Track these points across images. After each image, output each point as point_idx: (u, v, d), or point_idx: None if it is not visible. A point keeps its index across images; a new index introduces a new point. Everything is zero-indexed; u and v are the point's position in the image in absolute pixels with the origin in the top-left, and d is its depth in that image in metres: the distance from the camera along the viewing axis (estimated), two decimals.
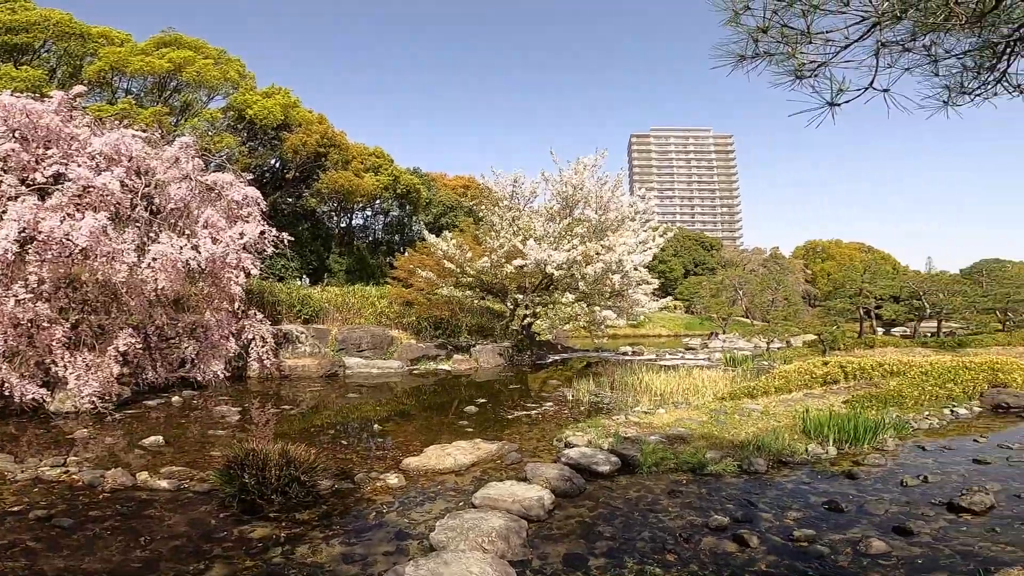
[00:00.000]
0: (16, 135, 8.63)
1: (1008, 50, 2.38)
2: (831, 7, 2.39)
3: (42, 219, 7.72)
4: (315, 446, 5.95)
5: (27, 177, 8.36)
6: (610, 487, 5.30)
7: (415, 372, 15.04)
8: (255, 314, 12.14)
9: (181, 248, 9.16)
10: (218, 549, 4.00)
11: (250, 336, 12.08)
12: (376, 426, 8.40)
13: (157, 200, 9.86)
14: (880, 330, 26.93)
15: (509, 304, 18.88)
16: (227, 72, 26.04)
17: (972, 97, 2.59)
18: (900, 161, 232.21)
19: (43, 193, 8.32)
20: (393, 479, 5.50)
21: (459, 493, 5.14)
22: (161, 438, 7.15)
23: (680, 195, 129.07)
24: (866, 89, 2.55)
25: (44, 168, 8.51)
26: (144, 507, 4.83)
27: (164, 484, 5.37)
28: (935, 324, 24.15)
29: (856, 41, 2.49)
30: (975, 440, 7.07)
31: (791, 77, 2.74)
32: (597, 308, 17.40)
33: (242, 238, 10.39)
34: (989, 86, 2.52)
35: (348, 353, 15.45)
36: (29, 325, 7.87)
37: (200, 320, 10.89)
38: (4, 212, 7.66)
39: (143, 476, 5.51)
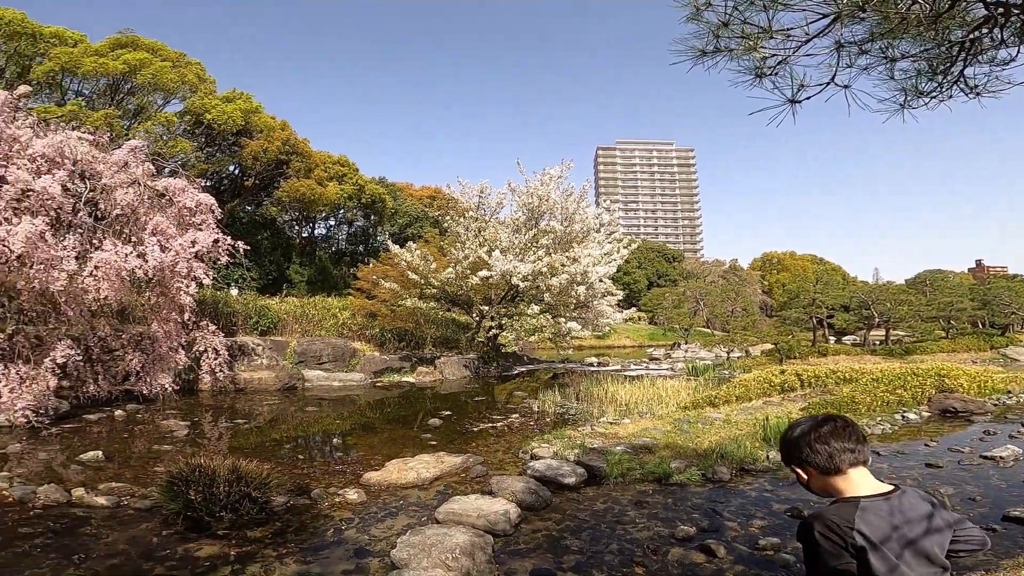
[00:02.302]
0: None
1: (963, 52, 2.43)
2: (793, 3, 2.39)
3: None
4: (270, 461, 5.73)
5: None
6: (577, 499, 5.20)
7: (378, 385, 14.67)
8: (207, 325, 11.59)
9: (126, 256, 8.66)
10: (160, 568, 3.78)
11: (202, 348, 11.51)
12: (336, 440, 8.14)
13: (102, 205, 9.34)
14: (832, 339, 27.88)
15: (475, 316, 18.70)
16: (185, 75, 25.15)
17: (928, 100, 2.63)
18: (851, 175, 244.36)
19: None
20: (353, 494, 5.30)
21: (422, 508, 4.98)
22: (101, 453, 6.82)
23: (644, 208, 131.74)
24: (827, 85, 2.57)
25: None
26: (79, 524, 4.57)
27: (102, 500, 5.09)
28: (883, 332, 25.18)
29: (816, 36, 2.49)
30: (926, 444, 7.29)
31: (751, 75, 2.73)
32: (563, 319, 17.40)
33: (194, 246, 9.92)
34: (944, 88, 2.57)
35: (308, 366, 14.95)
36: None
37: (147, 331, 10.32)
38: None
39: (79, 492, 5.22)
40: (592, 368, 20.05)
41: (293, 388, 13.50)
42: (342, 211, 35.21)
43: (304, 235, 36.65)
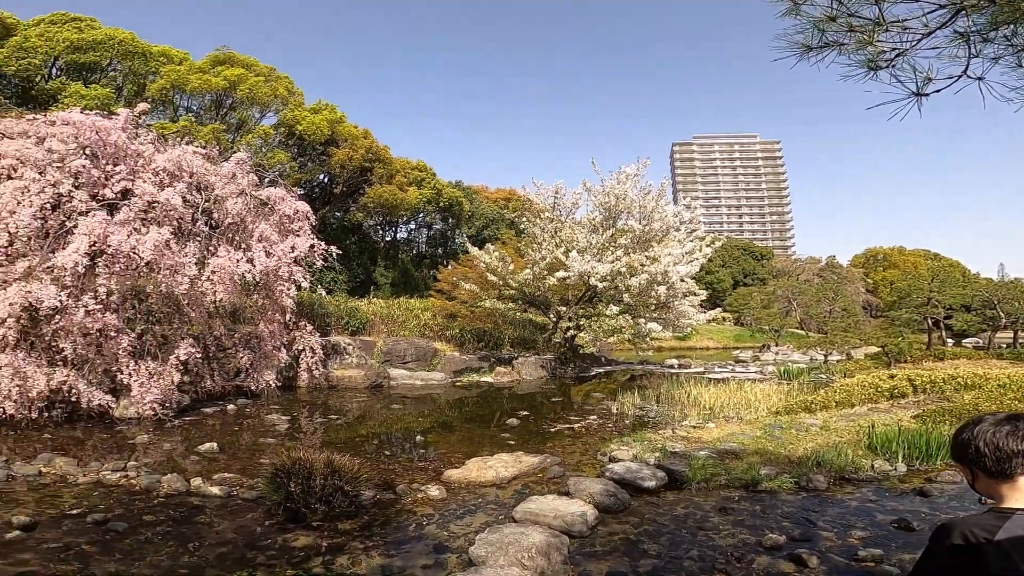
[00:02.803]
0: (87, 152, 9.15)
1: None
2: None
3: (111, 233, 8.23)
4: (359, 456, 5.99)
5: (97, 193, 8.92)
6: (656, 503, 5.14)
7: (458, 384, 15.12)
8: (305, 326, 12.54)
9: (237, 261, 9.59)
10: (261, 557, 4.03)
11: (300, 347, 12.47)
12: (419, 437, 8.46)
13: (215, 215, 10.38)
14: (950, 341, 25.23)
15: (552, 316, 18.78)
16: (277, 89, 27.27)
17: None
18: (964, 164, 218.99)
19: (112, 208, 8.88)
20: (434, 491, 5.50)
21: (500, 507, 5.08)
22: (215, 445, 7.32)
23: (727, 203, 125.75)
24: (959, 77, 2.42)
25: (113, 184, 9.06)
26: (195, 513, 4.94)
27: (216, 490, 5.49)
28: (1011, 334, 22.44)
29: (937, 29, 2.37)
30: None
31: (863, 68, 2.63)
32: (642, 320, 17.06)
33: (293, 251, 10.80)
34: None
35: (393, 365, 15.71)
36: (98, 335, 8.37)
37: (254, 331, 11.32)
38: (75, 227, 8.21)
39: (196, 482, 5.64)
40: (672, 370, 19.50)
41: (379, 386, 14.21)
42: (421, 215, 36.62)
43: (387, 239, 38.46)
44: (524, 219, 18.77)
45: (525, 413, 10.33)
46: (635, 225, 16.39)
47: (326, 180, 32.94)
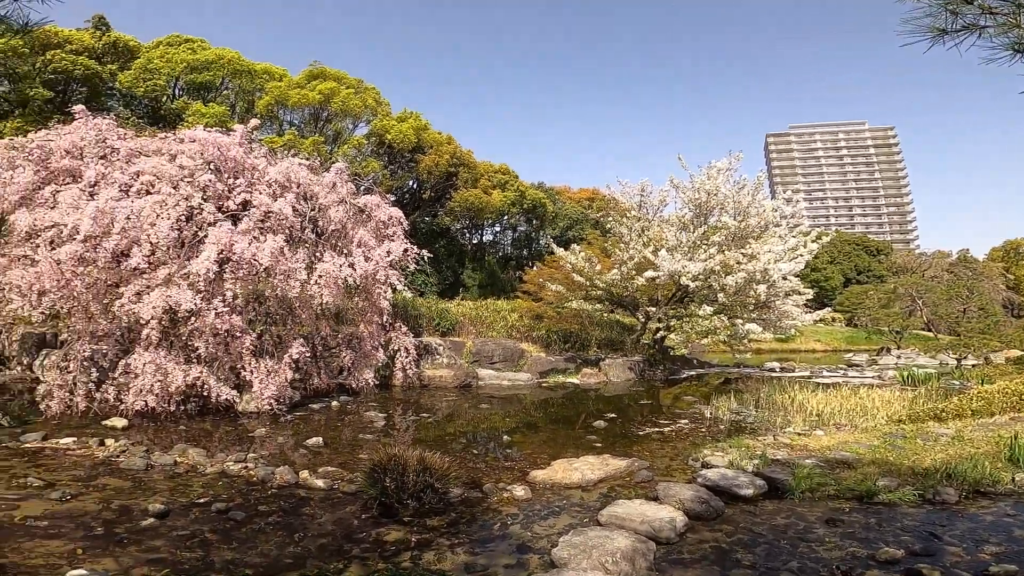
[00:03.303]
0: (211, 167, 10.22)
1: None
2: None
3: (235, 242, 9.21)
4: (448, 454, 6.18)
5: (222, 204, 9.99)
6: (753, 512, 4.94)
7: (544, 385, 15.25)
8: (400, 327, 13.26)
9: (340, 266, 10.38)
10: (356, 549, 4.24)
11: (396, 347, 13.21)
12: (505, 437, 8.61)
13: (320, 222, 11.29)
14: None
15: (640, 317, 18.43)
16: (366, 100, 29.09)
17: None
18: None
19: (235, 218, 9.92)
20: (520, 491, 5.57)
21: (584, 509, 5.09)
22: (321, 439, 7.83)
23: (833, 196, 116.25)
24: None
25: (234, 196, 10.11)
26: (302, 504, 5.29)
27: (320, 483, 5.83)
28: None
29: None
30: None
31: (1008, 52, 2.50)
32: (739, 321, 16.28)
33: (389, 256, 11.49)
34: None
35: (481, 365, 16.16)
36: (225, 335, 9.40)
37: (355, 332, 12.16)
38: (205, 236, 9.29)
39: (304, 475, 6.02)
40: (773, 374, 18.40)
41: (468, 386, 14.67)
42: (506, 217, 37.32)
43: (474, 242, 39.57)
44: (609, 219, 18.59)
45: (612, 415, 10.26)
46: (729, 221, 15.69)
47: (414, 186, 34.52)
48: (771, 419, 9.25)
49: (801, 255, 15.79)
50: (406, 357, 13.33)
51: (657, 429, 8.96)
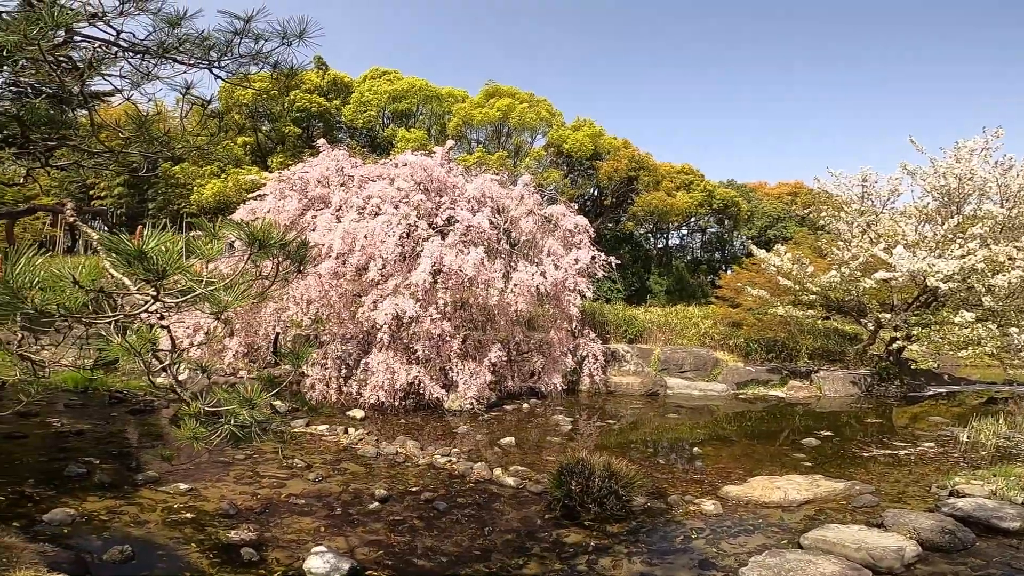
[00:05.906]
0: (420, 187, 11.98)
1: None
2: None
3: (444, 255, 10.70)
4: (633, 462, 6.34)
5: (431, 221, 11.65)
6: (1015, 546, 4.44)
7: (740, 396, 14.55)
8: (588, 333, 13.85)
9: (533, 275, 11.34)
10: (537, 548, 4.60)
11: (583, 353, 13.82)
12: (695, 449, 8.55)
13: (512, 234, 12.45)
14: None
15: (869, 324, 16.44)
16: (540, 113, 30.76)
17: None
18: None
19: (442, 233, 11.48)
20: (709, 505, 5.54)
21: (783, 531, 4.92)
22: (512, 439, 8.56)
23: None
24: None
25: (440, 213, 11.73)
26: (493, 500, 5.86)
27: (510, 481, 6.38)
28: None
29: None
30: None
31: None
32: (1014, 330, 13.63)
33: (576, 263, 12.17)
34: None
35: (669, 373, 15.96)
36: (437, 339, 10.92)
37: (545, 338, 13.07)
38: (421, 251, 10.91)
39: (497, 472, 6.65)
40: None
41: (655, 394, 14.63)
42: (693, 219, 36.00)
43: (659, 246, 38.89)
44: (821, 214, 17.00)
45: (826, 433, 9.54)
46: (994, 209, 13.32)
47: (595, 192, 35.22)
48: None
49: None
50: (593, 363, 13.85)
51: (888, 451, 8.15)
